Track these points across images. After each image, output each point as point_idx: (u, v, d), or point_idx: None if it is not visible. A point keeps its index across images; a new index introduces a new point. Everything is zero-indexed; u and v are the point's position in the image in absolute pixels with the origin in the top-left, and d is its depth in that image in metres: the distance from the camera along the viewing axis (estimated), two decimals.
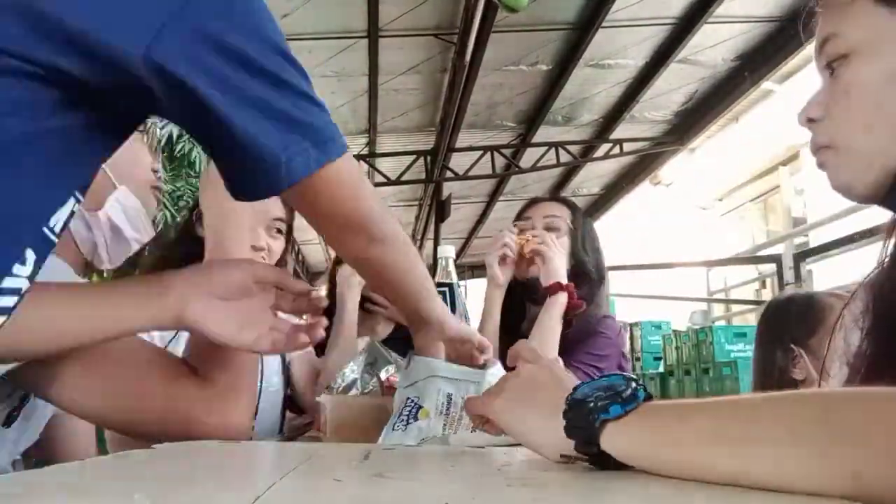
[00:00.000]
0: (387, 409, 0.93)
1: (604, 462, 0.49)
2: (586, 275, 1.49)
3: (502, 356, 1.44)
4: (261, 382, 1.39)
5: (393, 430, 0.87)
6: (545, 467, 0.63)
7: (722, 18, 3.98)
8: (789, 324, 1.47)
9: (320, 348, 1.50)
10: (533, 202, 1.64)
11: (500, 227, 1.71)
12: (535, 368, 0.63)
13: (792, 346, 1.43)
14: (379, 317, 1.93)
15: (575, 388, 0.53)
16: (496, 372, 0.95)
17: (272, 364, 1.44)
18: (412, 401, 0.89)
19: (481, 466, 0.62)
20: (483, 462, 0.65)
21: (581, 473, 0.58)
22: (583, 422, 0.50)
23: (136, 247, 0.99)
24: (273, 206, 1.36)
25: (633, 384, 0.51)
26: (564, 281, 1.38)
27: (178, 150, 9.21)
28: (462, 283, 1.31)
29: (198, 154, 8.87)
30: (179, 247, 1.39)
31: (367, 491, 0.46)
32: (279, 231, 1.37)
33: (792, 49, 4.22)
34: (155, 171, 1.03)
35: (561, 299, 1.36)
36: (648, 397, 0.50)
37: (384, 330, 1.89)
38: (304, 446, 1.03)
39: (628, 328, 4.95)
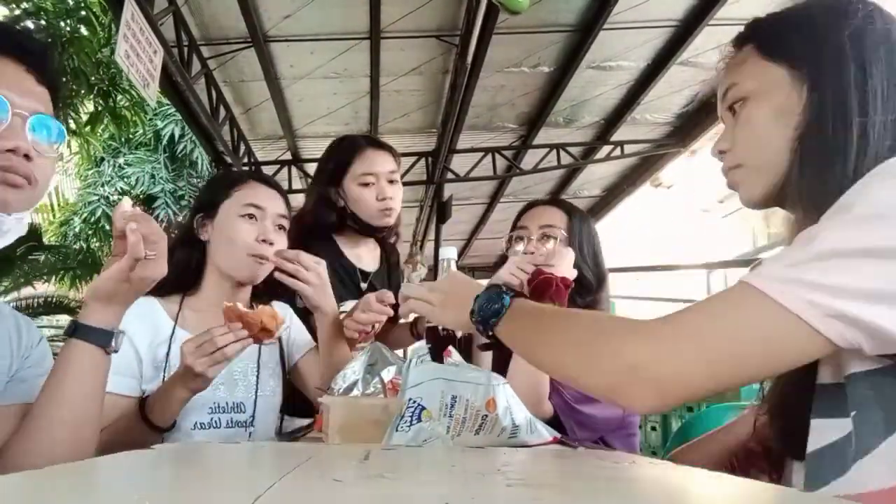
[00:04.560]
0: (389, 411, 0.93)
1: (501, 344, 0.87)
2: (585, 281, 1.47)
3: (495, 366, 1.44)
4: (256, 388, 1.39)
5: (397, 430, 0.87)
6: (545, 467, 0.64)
7: (724, 21, 3.98)
8: None
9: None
10: (530, 206, 1.60)
11: (501, 229, 1.70)
12: (448, 283, 1.00)
13: None
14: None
15: (475, 298, 0.89)
16: (500, 378, 0.96)
17: (268, 368, 1.44)
18: (415, 402, 0.89)
19: (481, 466, 0.62)
20: (483, 462, 0.65)
21: (580, 474, 0.58)
22: (479, 328, 0.88)
23: None
24: (278, 205, 1.44)
25: (503, 294, 0.87)
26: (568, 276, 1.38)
27: (179, 150, 9.23)
28: None
29: (199, 154, 8.90)
30: (181, 249, 1.41)
31: (367, 491, 0.46)
32: (282, 227, 1.44)
33: None
34: (15, 150, 0.84)
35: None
36: (514, 296, 0.87)
37: (372, 252, 1.87)
38: (304, 446, 1.03)
39: None
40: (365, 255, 1.83)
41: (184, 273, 1.39)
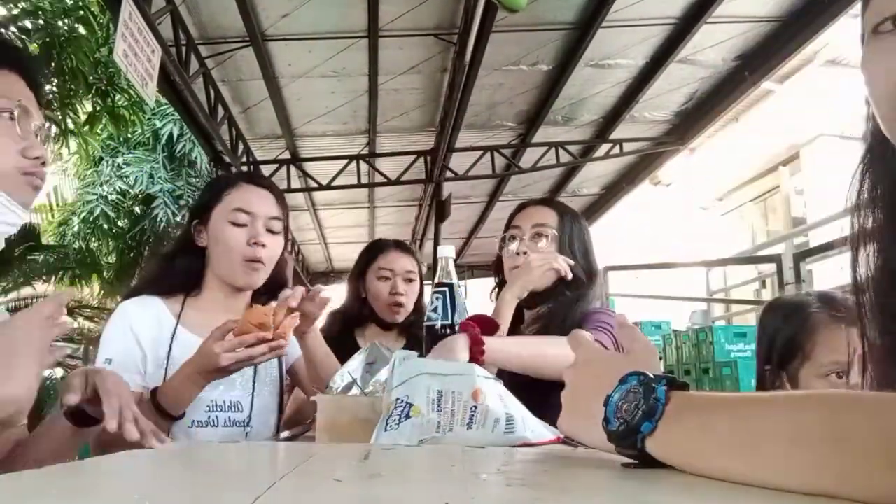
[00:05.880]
0: (376, 409, 0.93)
1: (652, 462, 0.51)
2: (576, 278, 1.51)
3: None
4: (253, 387, 1.39)
5: (386, 429, 0.87)
6: (545, 467, 0.63)
7: (722, 18, 3.97)
8: (775, 344, 1.38)
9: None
10: (522, 207, 1.67)
11: (501, 228, 1.71)
12: (573, 374, 0.65)
13: (781, 372, 1.34)
14: (395, 330, 2.04)
15: (606, 399, 0.55)
16: (483, 370, 0.96)
17: (265, 367, 1.43)
18: (402, 400, 0.89)
19: (481, 466, 0.62)
20: (483, 462, 0.65)
21: (580, 474, 0.58)
22: (622, 442, 0.52)
23: (8, 230, 0.94)
24: (269, 206, 1.42)
25: (652, 387, 0.53)
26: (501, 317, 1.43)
27: (178, 149, 9.21)
28: (462, 283, 1.31)
29: (198, 154, 8.88)
30: (181, 256, 1.42)
31: (367, 491, 0.46)
32: (271, 230, 1.41)
33: (792, 49, 4.21)
34: (30, 156, 0.94)
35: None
36: (669, 386, 0.53)
37: (397, 344, 1.92)
38: (304, 446, 1.03)
39: None
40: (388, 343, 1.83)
41: (185, 278, 1.41)
